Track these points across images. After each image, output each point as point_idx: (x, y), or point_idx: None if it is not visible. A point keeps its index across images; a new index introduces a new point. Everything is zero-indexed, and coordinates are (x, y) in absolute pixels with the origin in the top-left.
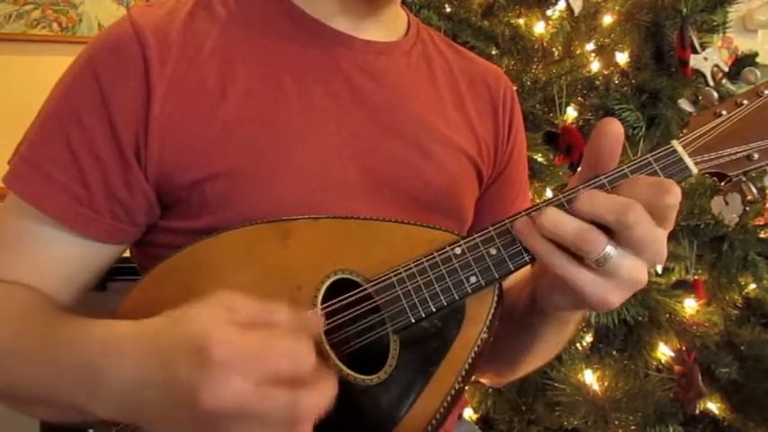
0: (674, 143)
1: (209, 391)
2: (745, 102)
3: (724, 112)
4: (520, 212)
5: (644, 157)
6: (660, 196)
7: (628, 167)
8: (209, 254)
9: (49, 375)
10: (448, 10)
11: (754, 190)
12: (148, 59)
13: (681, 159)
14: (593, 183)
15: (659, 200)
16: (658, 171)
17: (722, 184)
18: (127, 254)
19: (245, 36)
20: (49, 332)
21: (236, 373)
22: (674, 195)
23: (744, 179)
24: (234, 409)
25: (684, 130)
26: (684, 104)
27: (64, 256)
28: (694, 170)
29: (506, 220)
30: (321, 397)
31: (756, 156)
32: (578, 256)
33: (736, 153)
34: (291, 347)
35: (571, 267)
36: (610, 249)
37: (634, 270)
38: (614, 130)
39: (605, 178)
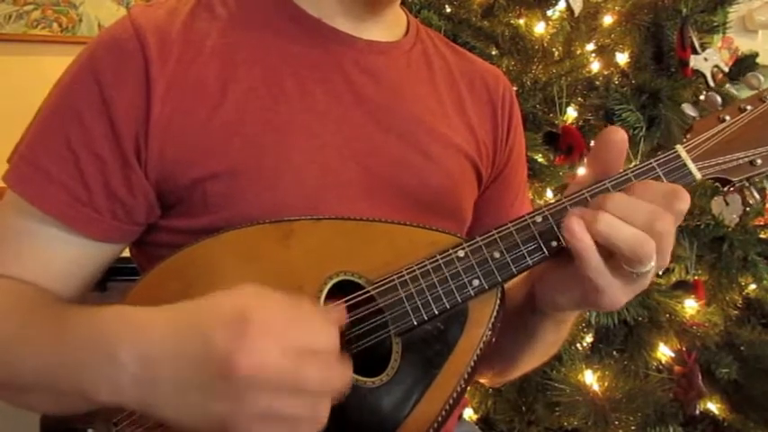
0: (678, 148)
1: (245, 356)
2: (749, 107)
3: (727, 118)
4: (522, 216)
5: (648, 162)
6: (674, 203)
7: (632, 172)
8: (210, 254)
9: (55, 360)
10: (448, 10)
11: (757, 195)
12: (149, 59)
13: (685, 165)
14: (598, 187)
15: (673, 207)
16: (662, 176)
17: (725, 189)
18: (127, 254)
19: (245, 36)
20: (54, 317)
21: (272, 341)
22: (685, 202)
23: (746, 184)
24: (266, 374)
25: (688, 135)
26: (688, 109)
27: (63, 255)
28: (698, 175)
29: (509, 224)
30: (344, 375)
31: (760, 161)
32: (610, 262)
33: (740, 159)
34: (324, 325)
35: (605, 272)
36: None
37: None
38: (619, 138)
39: (609, 183)
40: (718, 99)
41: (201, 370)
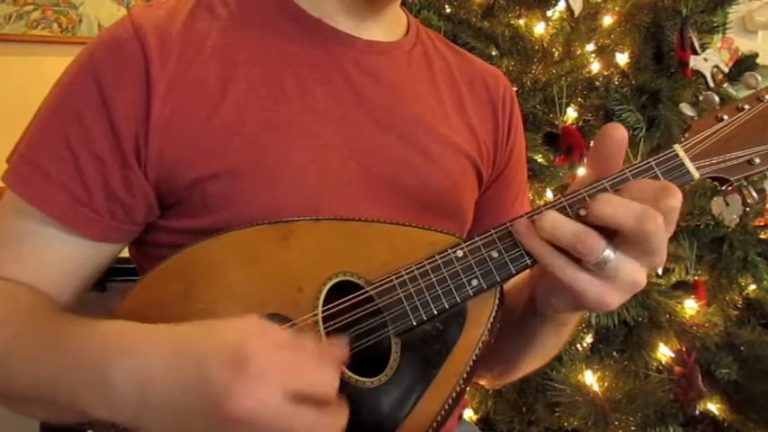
0: (676, 147)
1: (241, 399)
2: (747, 106)
3: (725, 117)
4: (522, 215)
5: (646, 161)
6: (665, 200)
7: (630, 171)
8: (210, 255)
9: (51, 374)
10: (448, 11)
11: (755, 194)
12: (149, 59)
13: (682, 164)
14: (596, 186)
15: (662, 204)
16: (660, 175)
17: (723, 188)
18: (126, 254)
19: (245, 36)
20: (52, 330)
21: (270, 385)
22: (676, 199)
23: (745, 183)
24: (261, 419)
25: (686, 135)
26: (686, 109)
27: (63, 255)
28: (696, 174)
29: (508, 223)
30: (339, 422)
31: (758, 160)
32: (578, 259)
33: (738, 157)
34: (322, 370)
35: (570, 270)
36: (608, 253)
37: (634, 273)
38: (619, 134)
39: (607, 182)
40: (716, 99)
41: (195, 399)
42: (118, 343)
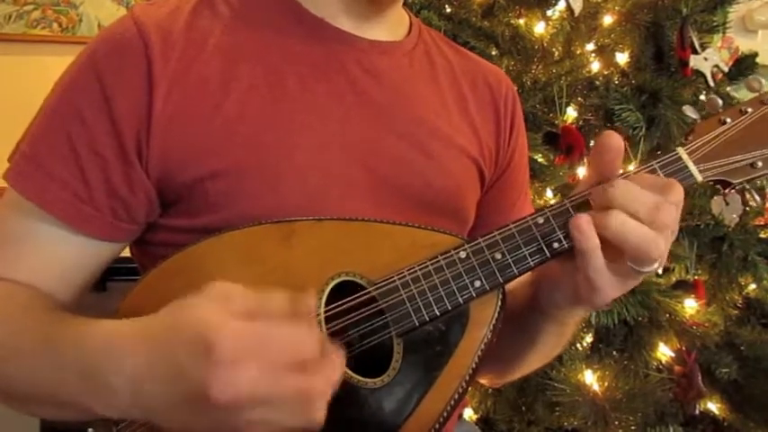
0: (680, 150)
1: (220, 388)
2: (750, 110)
3: (728, 120)
4: (524, 217)
5: (649, 164)
6: (670, 195)
7: (634, 174)
8: (211, 254)
9: (50, 374)
10: (448, 10)
11: (757, 197)
12: (151, 57)
13: (686, 167)
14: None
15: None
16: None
17: (725, 191)
18: (127, 253)
19: (247, 34)
20: (50, 330)
21: (243, 367)
22: (680, 195)
23: (747, 186)
24: (246, 400)
25: (689, 137)
26: (689, 111)
27: (64, 253)
28: (699, 177)
29: (511, 225)
30: (331, 373)
31: (760, 164)
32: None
33: (740, 161)
34: (292, 333)
35: (605, 271)
36: None
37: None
38: (614, 143)
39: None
40: (720, 101)
41: (183, 395)
42: (105, 343)
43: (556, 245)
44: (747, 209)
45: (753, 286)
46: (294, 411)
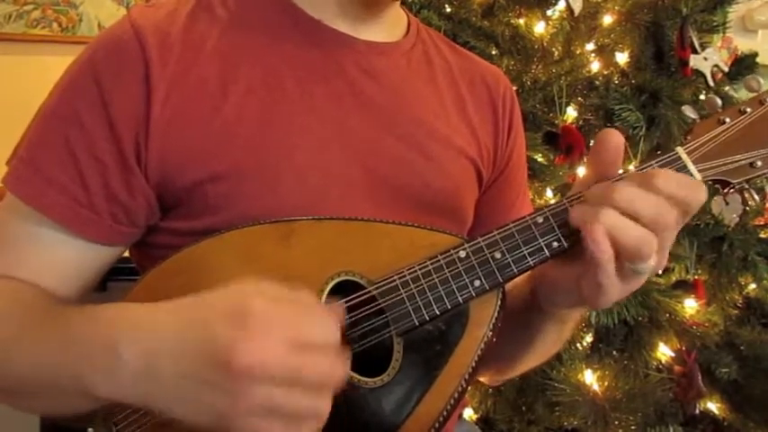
0: (679, 150)
1: (248, 353)
2: (749, 109)
3: (728, 120)
4: (524, 217)
5: (649, 164)
6: (688, 195)
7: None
8: (211, 254)
9: (55, 358)
10: (448, 10)
11: (756, 197)
12: (149, 60)
13: (685, 166)
14: None
15: (686, 198)
16: None
17: (725, 190)
18: (127, 254)
19: (245, 37)
20: (56, 315)
21: (273, 337)
22: (666, 182)
23: (746, 186)
24: (264, 371)
25: (688, 137)
26: (688, 111)
27: (63, 257)
28: (698, 177)
29: (510, 224)
30: (345, 366)
31: (760, 163)
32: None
33: (740, 161)
34: (321, 319)
35: (613, 275)
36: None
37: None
38: (614, 141)
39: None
40: (719, 101)
41: (202, 363)
42: (120, 319)
43: (555, 244)
44: (747, 209)
45: (753, 286)
46: (307, 397)
